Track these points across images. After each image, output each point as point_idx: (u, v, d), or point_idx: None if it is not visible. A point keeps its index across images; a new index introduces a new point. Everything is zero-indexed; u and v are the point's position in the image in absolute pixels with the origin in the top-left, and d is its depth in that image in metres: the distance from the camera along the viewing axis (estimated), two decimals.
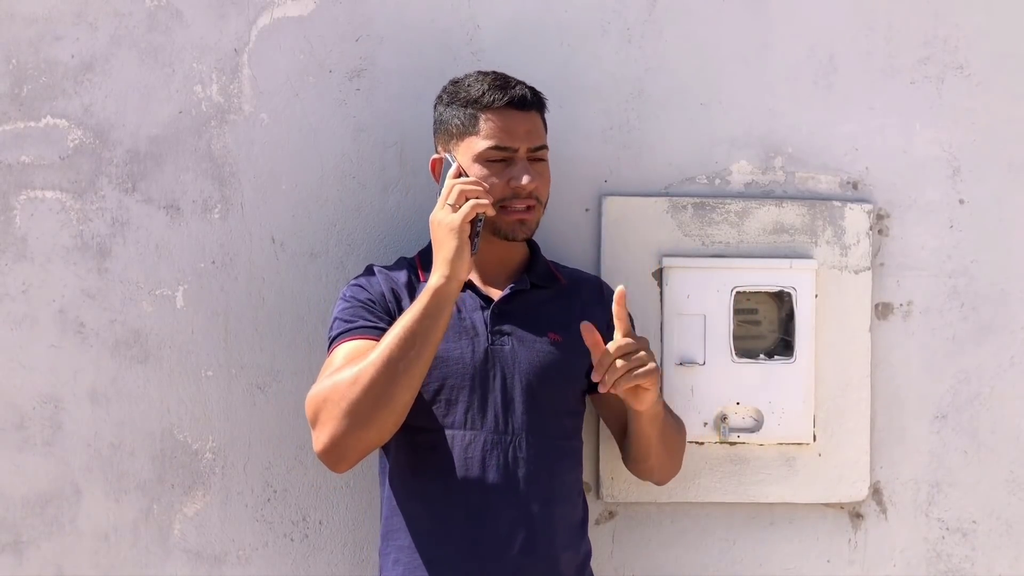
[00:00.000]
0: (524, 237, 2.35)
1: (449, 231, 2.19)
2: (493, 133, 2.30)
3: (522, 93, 2.33)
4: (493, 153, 2.30)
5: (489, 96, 2.31)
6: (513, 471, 2.26)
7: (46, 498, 2.58)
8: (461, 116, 2.32)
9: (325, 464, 2.22)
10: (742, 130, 2.67)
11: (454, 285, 2.18)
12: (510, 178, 2.30)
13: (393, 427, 2.20)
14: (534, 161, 2.33)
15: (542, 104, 2.39)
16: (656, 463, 2.42)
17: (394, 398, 2.15)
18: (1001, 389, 2.71)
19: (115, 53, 2.58)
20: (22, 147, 2.57)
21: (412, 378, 2.16)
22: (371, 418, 2.16)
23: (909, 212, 2.69)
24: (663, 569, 2.66)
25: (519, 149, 2.31)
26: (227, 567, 2.60)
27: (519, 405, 2.29)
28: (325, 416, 2.18)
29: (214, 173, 2.59)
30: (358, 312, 2.29)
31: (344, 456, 2.20)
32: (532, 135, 2.33)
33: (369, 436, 2.18)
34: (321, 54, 2.60)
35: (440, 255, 2.20)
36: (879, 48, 2.69)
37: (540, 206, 2.36)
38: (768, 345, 2.64)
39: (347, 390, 2.15)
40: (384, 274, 2.37)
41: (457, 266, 2.18)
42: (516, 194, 2.30)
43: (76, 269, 2.58)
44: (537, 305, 2.37)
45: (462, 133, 2.32)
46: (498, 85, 2.33)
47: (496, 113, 2.31)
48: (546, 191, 2.36)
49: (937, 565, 2.70)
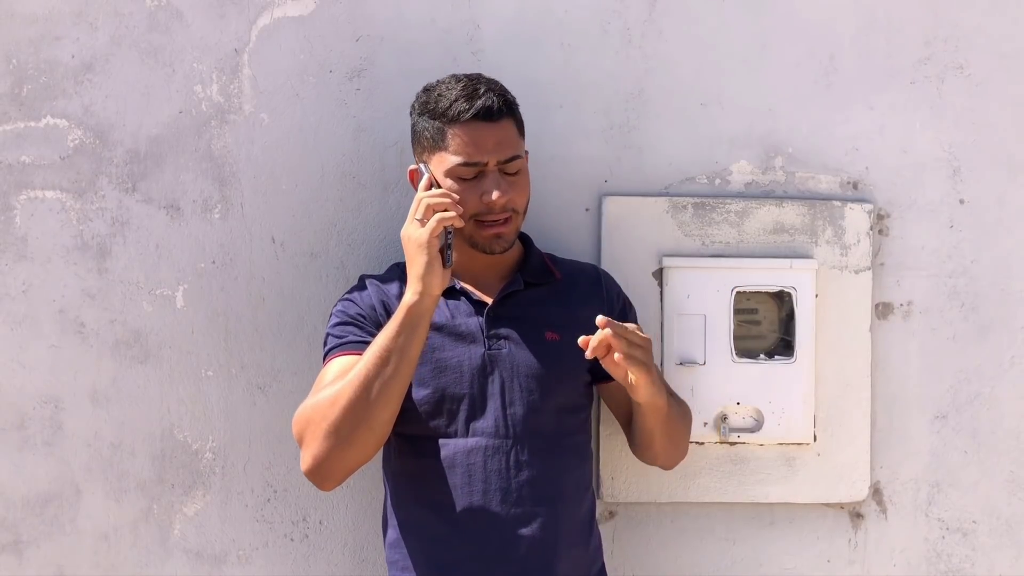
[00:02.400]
0: (502, 250, 2.32)
1: (418, 247, 2.18)
2: (461, 149, 2.26)
3: (488, 104, 2.27)
4: (462, 170, 2.27)
5: (454, 109, 2.26)
6: (517, 474, 2.26)
7: (46, 498, 2.58)
8: (431, 129, 2.29)
9: (313, 483, 2.24)
10: (742, 130, 2.67)
11: (427, 302, 2.18)
12: (482, 192, 2.27)
13: (375, 445, 2.21)
14: (506, 174, 2.29)
15: (513, 110, 2.33)
16: (660, 450, 2.41)
17: (372, 417, 2.17)
18: (1001, 389, 2.71)
19: (115, 53, 2.58)
20: (22, 147, 2.57)
21: (390, 396, 2.17)
22: (351, 438, 2.17)
23: (909, 212, 2.69)
24: (663, 569, 2.66)
25: (488, 163, 2.27)
26: (227, 567, 2.60)
27: (520, 408, 2.28)
28: (308, 437, 2.20)
29: (214, 173, 2.59)
30: (348, 328, 2.30)
31: (329, 475, 2.22)
32: (502, 146, 2.28)
33: (351, 455, 2.20)
34: (321, 54, 2.60)
35: (412, 271, 2.19)
36: (879, 48, 2.69)
37: (518, 215, 2.32)
38: (768, 345, 2.64)
39: (327, 410, 2.18)
40: (375, 286, 2.36)
41: (428, 281, 2.17)
42: (490, 209, 2.27)
43: (76, 269, 2.58)
44: (532, 304, 2.36)
45: (433, 147, 2.30)
46: (466, 95, 2.28)
47: (463, 128, 2.26)
48: (522, 200, 2.32)
49: (937, 565, 2.70)
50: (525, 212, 2.35)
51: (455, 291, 2.34)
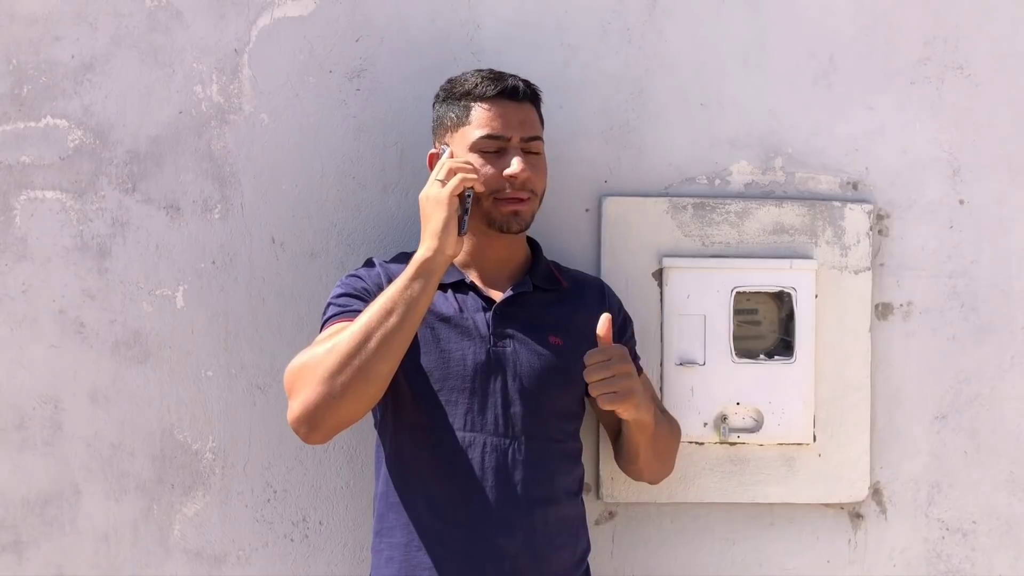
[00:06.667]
0: (519, 229, 2.34)
1: (436, 204, 2.19)
2: (485, 122, 2.31)
3: (514, 84, 2.34)
4: (486, 143, 2.30)
5: (482, 87, 2.32)
6: (512, 474, 2.26)
7: (46, 498, 2.58)
8: (455, 109, 2.33)
9: (298, 434, 2.18)
10: (742, 130, 2.67)
11: (440, 259, 2.17)
12: (503, 167, 2.30)
13: (368, 399, 2.17)
14: (528, 153, 2.33)
15: (536, 97, 2.39)
16: (644, 466, 2.43)
17: (369, 367, 2.13)
18: (1001, 389, 2.71)
19: (115, 53, 2.58)
20: (22, 147, 2.57)
21: (390, 348, 2.14)
22: (345, 386, 2.13)
23: (909, 212, 2.69)
24: (663, 569, 2.66)
25: (512, 138, 2.31)
26: (227, 567, 2.60)
27: (519, 408, 2.28)
28: (300, 383, 2.17)
29: (214, 173, 2.60)
30: (351, 299, 2.28)
31: (316, 425, 2.16)
32: (525, 125, 2.34)
33: (343, 405, 2.15)
34: (321, 54, 2.60)
35: (427, 228, 2.20)
36: (879, 48, 2.69)
37: (535, 198, 2.35)
38: (768, 345, 2.64)
39: (323, 358, 2.15)
40: (383, 267, 2.36)
41: (444, 239, 2.17)
42: (510, 183, 2.30)
43: (76, 269, 2.58)
44: (539, 308, 2.37)
45: (456, 125, 2.33)
46: (491, 77, 2.34)
47: (488, 102, 2.32)
48: (541, 183, 2.36)
49: (937, 565, 2.70)
50: (541, 200, 2.37)
51: (465, 285, 2.34)
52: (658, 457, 2.43)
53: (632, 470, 2.47)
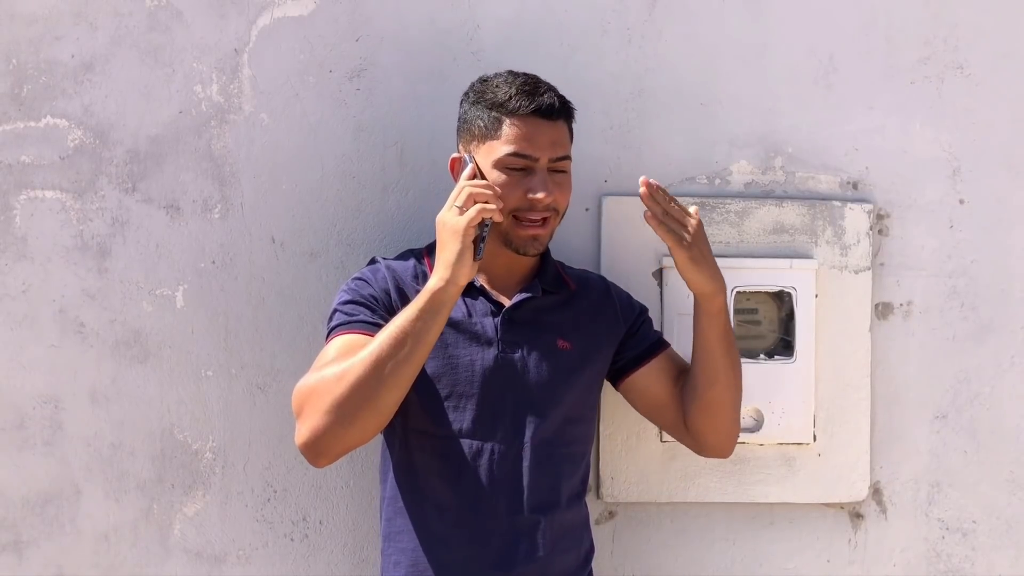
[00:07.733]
0: (536, 252, 2.30)
1: (453, 234, 2.15)
2: (515, 139, 2.25)
3: (550, 101, 2.28)
4: (513, 160, 2.25)
5: (516, 102, 2.26)
6: (519, 480, 2.25)
7: (46, 498, 2.58)
8: (485, 118, 2.27)
9: (305, 458, 2.18)
10: (742, 130, 2.67)
11: (452, 290, 2.14)
12: (528, 189, 2.25)
13: (376, 428, 2.16)
14: (555, 172, 2.28)
15: (570, 113, 2.34)
16: (723, 389, 2.33)
17: (379, 398, 2.12)
18: (1001, 389, 2.71)
19: (115, 53, 2.58)
20: (22, 147, 2.57)
21: (399, 379, 2.12)
22: (354, 416, 2.12)
23: (909, 212, 2.70)
24: (663, 569, 2.66)
25: (540, 159, 2.26)
26: (227, 567, 2.60)
27: (527, 415, 2.27)
28: (309, 410, 2.14)
29: (214, 173, 2.59)
30: (359, 307, 2.25)
31: (323, 452, 2.16)
32: (556, 145, 2.28)
33: (351, 434, 2.14)
34: (321, 54, 2.60)
35: (442, 258, 2.16)
36: (879, 48, 2.69)
37: (557, 216, 2.31)
38: (768, 345, 2.64)
39: (333, 386, 2.12)
40: (391, 271, 2.32)
41: (457, 270, 2.14)
42: (532, 206, 2.26)
43: (76, 269, 2.58)
44: (547, 311, 2.35)
45: (484, 136, 2.27)
46: (526, 91, 2.28)
47: (521, 120, 2.26)
48: (565, 201, 2.31)
49: (937, 565, 2.70)
50: (563, 216, 2.34)
51: (474, 288, 2.32)
52: (735, 376, 2.33)
53: (707, 406, 2.34)
